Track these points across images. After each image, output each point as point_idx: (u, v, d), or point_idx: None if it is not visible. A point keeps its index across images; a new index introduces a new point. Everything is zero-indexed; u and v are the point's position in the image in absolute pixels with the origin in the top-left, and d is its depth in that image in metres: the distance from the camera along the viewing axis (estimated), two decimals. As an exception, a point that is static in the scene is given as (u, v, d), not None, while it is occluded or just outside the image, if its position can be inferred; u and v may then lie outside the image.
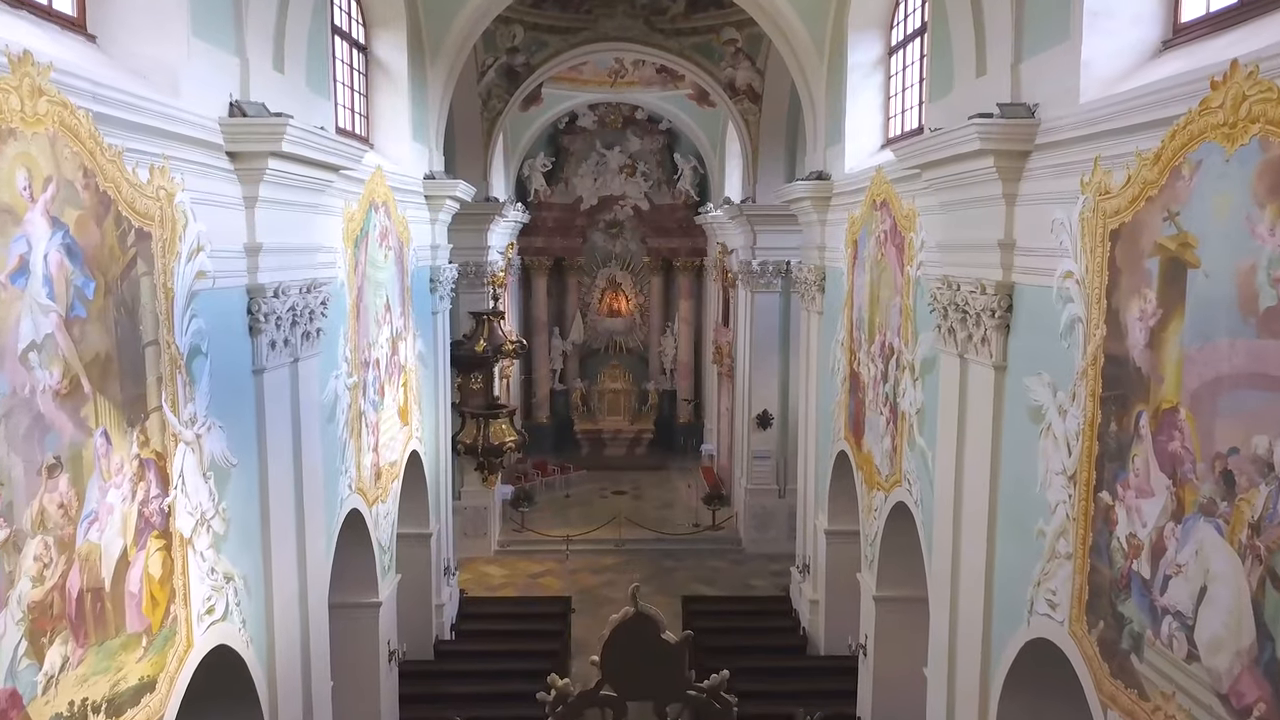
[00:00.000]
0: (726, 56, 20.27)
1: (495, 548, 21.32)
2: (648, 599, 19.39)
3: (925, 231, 9.82)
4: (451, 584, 15.58)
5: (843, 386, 13.22)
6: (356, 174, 10.07)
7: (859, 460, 12.49)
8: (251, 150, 7.16)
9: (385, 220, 11.65)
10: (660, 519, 23.20)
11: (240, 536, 7.31)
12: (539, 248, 28.43)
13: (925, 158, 8.49)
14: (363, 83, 12.69)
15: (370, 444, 11.09)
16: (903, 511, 10.77)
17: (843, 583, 14.01)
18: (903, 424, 10.55)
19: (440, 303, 14.59)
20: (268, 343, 7.68)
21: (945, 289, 8.71)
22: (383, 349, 11.60)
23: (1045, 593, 6.96)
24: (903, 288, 10.55)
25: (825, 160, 14.14)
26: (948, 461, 8.83)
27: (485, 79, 19.91)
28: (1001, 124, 7.17)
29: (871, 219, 11.77)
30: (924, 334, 9.87)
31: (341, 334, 9.98)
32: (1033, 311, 7.32)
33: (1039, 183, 7.19)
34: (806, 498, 15.35)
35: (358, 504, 10.56)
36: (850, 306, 12.85)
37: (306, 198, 8.42)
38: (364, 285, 10.78)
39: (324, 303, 8.87)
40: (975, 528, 8.19)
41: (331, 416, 9.66)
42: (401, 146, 13.00)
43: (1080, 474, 6.44)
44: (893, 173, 10.82)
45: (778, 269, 20.51)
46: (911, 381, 10.22)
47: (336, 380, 9.78)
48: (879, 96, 12.99)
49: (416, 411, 13.46)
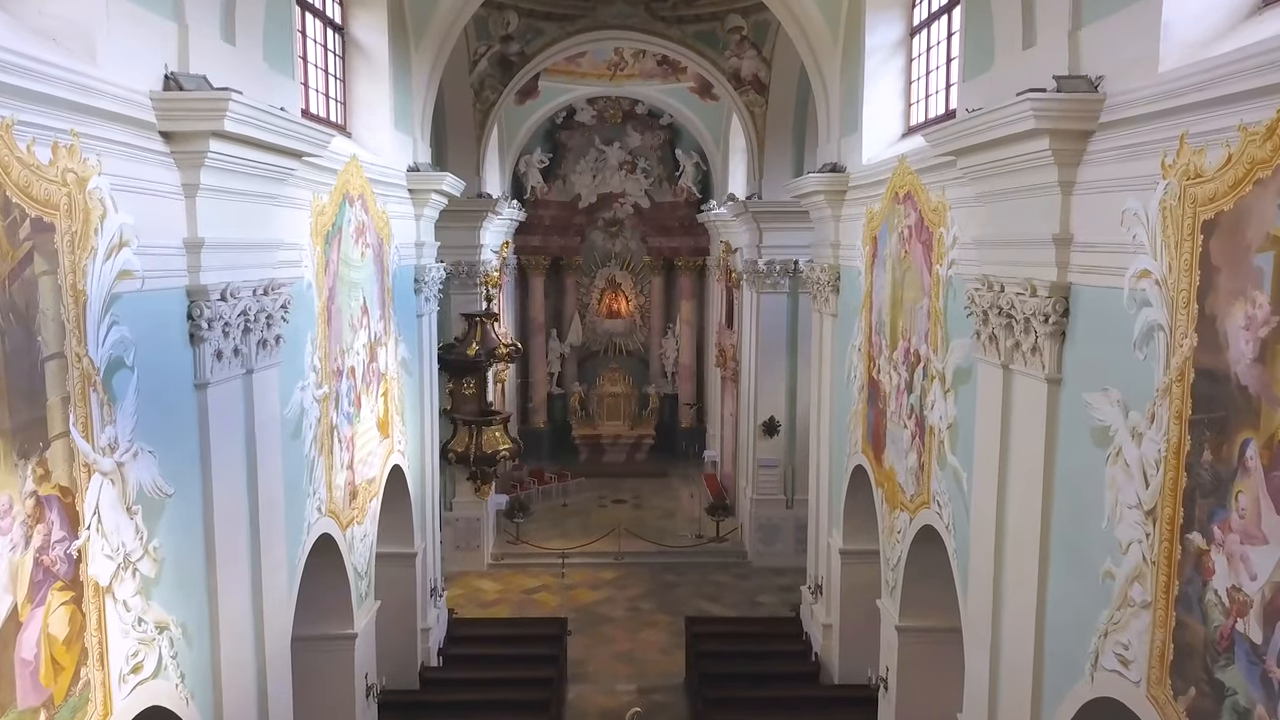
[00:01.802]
0: (731, 45, 19.27)
1: (489, 561, 20.34)
2: (648, 618, 18.62)
3: (958, 226, 8.83)
4: (439, 605, 14.58)
5: (860, 395, 12.22)
6: (326, 163, 9.09)
7: (879, 477, 11.49)
8: (189, 130, 6.16)
9: (362, 215, 10.65)
10: (661, 530, 22.21)
11: (177, 578, 6.31)
12: (536, 247, 27.48)
13: (964, 142, 7.48)
14: (340, 66, 11.70)
15: (344, 460, 10.09)
16: (930, 535, 9.78)
17: (859, 607, 13.01)
18: (931, 440, 9.55)
19: (426, 305, 13.59)
20: (212, 353, 6.68)
21: (985, 290, 7.71)
22: (359, 356, 10.61)
23: (1114, 645, 5.96)
24: (931, 288, 9.55)
25: (840, 151, 13.14)
26: (987, 485, 7.83)
27: (478, 69, 18.91)
28: (1060, 99, 6.17)
29: (893, 213, 10.79)
30: (957, 340, 8.87)
31: (309, 340, 8.99)
32: (1095, 317, 6.32)
33: (1103, 167, 6.20)
34: (818, 514, 14.34)
35: (329, 528, 9.56)
36: (869, 309, 11.86)
37: (263, 187, 7.42)
38: (336, 286, 9.78)
39: (285, 306, 7.87)
40: (1023, 563, 7.19)
41: (297, 432, 8.67)
42: (382, 136, 12.00)
43: (1162, 510, 5.44)
44: (918, 162, 9.84)
45: (785, 268, 19.55)
46: (942, 393, 9.22)
47: (303, 392, 8.79)
48: (899, 81, 11.99)
49: (399, 422, 12.46)
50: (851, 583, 13.28)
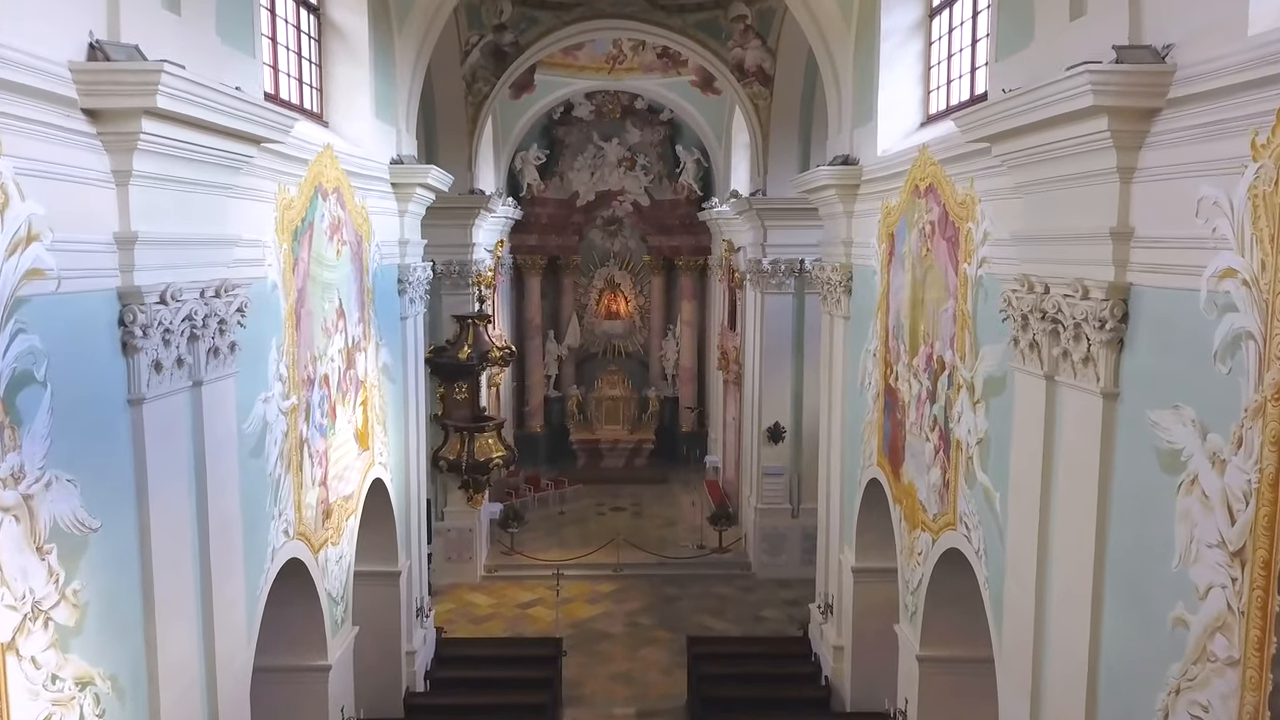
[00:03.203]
0: (735, 35, 18.44)
1: (482, 573, 19.49)
2: (648, 634, 17.70)
3: (990, 221, 8.00)
4: (426, 626, 13.74)
5: (875, 404, 11.39)
6: (295, 151, 8.26)
7: (897, 493, 10.66)
8: (117, 107, 5.33)
9: (337, 210, 9.83)
10: (661, 539, 21.37)
11: (105, 623, 5.48)
12: (532, 246, 26.65)
13: (1003, 125, 6.64)
14: (316, 50, 10.86)
15: (316, 477, 9.26)
16: (956, 558, 8.95)
17: (873, 628, 12.18)
18: (958, 454, 8.72)
19: (411, 306, 12.75)
20: (149, 364, 5.84)
21: (1025, 292, 6.88)
22: (334, 363, 9.78)
23: (1189, 705, 5.13)
24: (957, 289, 8.73)
25: (852, 143, 12.32)
26: (1027, 510, 7.00)
27: (469, 59, 18.08)
28: (1124, 73, 5.34)
29: (913, 208, 9.96)
30: (988, 347, 8.04)
31: (274, 346, 8.16)
32: (1162, 322, 5.49)
33: (1172, 150, 5.37)
34: (829, 529, 13.49)
35: (298, 552, 8.73)
36: (885, 311, 11.03)
37: (214, 176, 6.59)
38: (307, 287, 8.96)
39: (242, 309, 7.05)
40: (1071, 601, 6.36)
41: (259, 449, 7.83)
42: (361, 125, 11.16)
43: (1253, 552, 4.61)
44: (941, 151, 9.02)
45: (790, 268, 18.71)
46: (970, 404, 8.39)
47: (266, 404, 7.96)
48: (917, 67, 11.16)
49: (380, 433, 11.62)
50: (865, 603, 12.46)
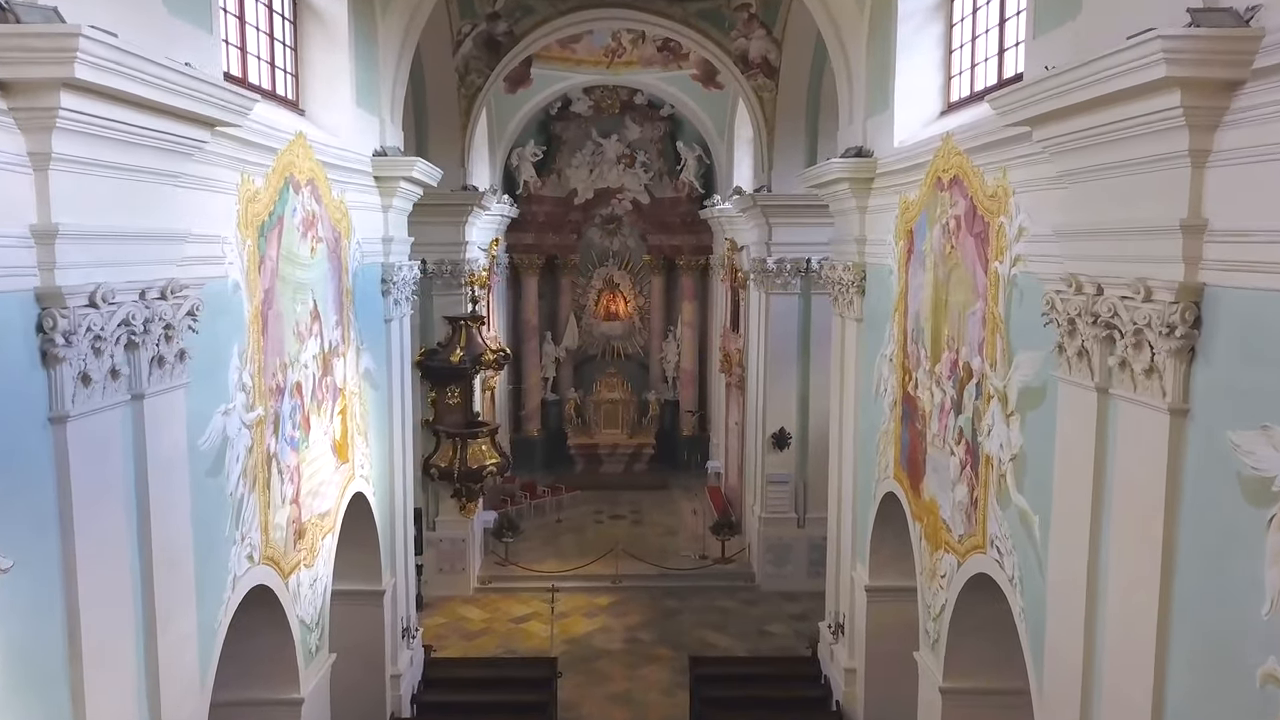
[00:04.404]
0: (738, 24, 17.67)
1: (475, 585, 18.71)
2: (648, 651, 16.83)
3: (1026, 215, 7.24)
4: (413, 646, 12.97)
5: (892, 413, 10.63)
6: (260, 139, 7.51)
7: (917, 509, 9.90)
8: (28, 77, 4.58)
9: (312, 204, 9.07)
10: (662, 549, 20.59)
11: (19, 677, 4.73)
12: (529, 245, 25.90)
13: (1049, 105, 5.88)
14: (292, 33, 10.11)
15: (287, 495, 8.51)
16: (985, 583, 8.19)
17: (889, 650, 11.42)
18: (988, 471, 7.96)
19: (396, 308, 11.98)
20: (75, 376, 5.08)
21: (1072, 293, 6.12)
22: (307, 370, 9.02)
23: (1283, 779, 4.38)
24: (987, 290, 7.97)
25: (865, 134, 11.56)
26: (1072, 538, 6.24)
27: (462, 50, 17.31)
28: (1203, 38, 4.59)
29: (934, 202, 9.21)
30: (1024, 354, 7.29)
31: (236, 353, 7.40)
32: (1245, 328, 4.73)
33: (1256, 129, 4.61)
34: (840, 543, 12.72)
35: (265, 578, 7.96)
36: (902, 313, 10.27)
37: (158, 162, 5.84)
38: (276, 287, 8.20)
39: (193, 312, 6.29)
40: (1128, 646, 5.59)
41: (217, 467, 7.07)
42: (340, 114, 10.40)
43: (1373, 604, 3.87)
44: (968, 139, 8.26)
45: (796, 267, 17.95)
46: (1002, 416, 7.63)
47: (226, 417, 7.20)
48: (937, 51, 10.40)
49: (361, 444, 10.86)
50: (879, 623, 11.69)
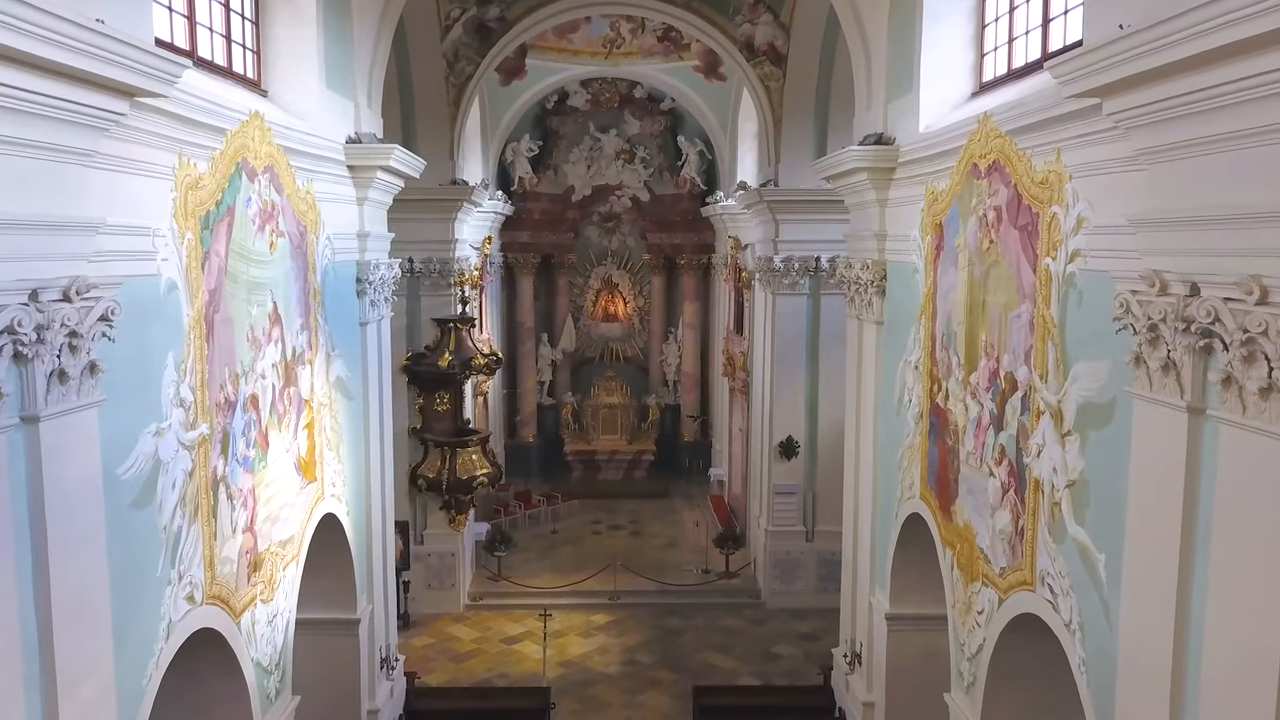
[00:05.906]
0: (743, 10, 16.68)
1: (465, 601, 17.71)
2: (648, 675, 15.59)
3: (1086, 202, 6.24)
4: (393, 677, 11.95)
5: (918, 426, 9.64)
6: (204, 117, 6.52)
7: (947, 534, 8.90)
8: None
9: (271, 194, 8.08)
10: (662, 563, 19.59)
11: None
12: (524, 243, 24.96)
13: (1133, 67, 4.87)
14: (252, 5, 9.12)
15: (239, 523, 7.50)
16: (1031, 622, 7.19)
17: (911, 684, 10.48)
18: (1037, 498, 6.96)
19: (373, 310, 10.97)
20: (-65, 397, 4.11)
21: (1154, 294, 5.13)
22: (265, 380, 8.02)
23: None
24: (1035, 290, 6.97)
25: (886, 119, 10.57)
26: (1155, 584, 5.24)
27: (450, 36, 16.32)
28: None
29: (969, 191, 8.22)
30: (1084, 364, 6.29)
31: (171, 364, 6.40)
32: (1405, 339, 3.75)
33: None
34: (857, 566, 11.72)
35: (211, 620, 6.96)
36: (930, 316, 9.28)
37: (59, 136, 4.84)
38: (224, 288, 7.20)
39: (107, 317, 5.29)
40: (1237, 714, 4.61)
41: (146, 497, 6.07)
42: (308, 96, 9.40)
43: None
44: (1011, 120, 7.27)
45: (805, 266, 16.97)
46: (1056, 436, 6.63)
47: (159, 438, 6.20)
48: (969, 25, 9.41)
49: (333, 460, 9.86)
50: (901, 654, 10.71)
